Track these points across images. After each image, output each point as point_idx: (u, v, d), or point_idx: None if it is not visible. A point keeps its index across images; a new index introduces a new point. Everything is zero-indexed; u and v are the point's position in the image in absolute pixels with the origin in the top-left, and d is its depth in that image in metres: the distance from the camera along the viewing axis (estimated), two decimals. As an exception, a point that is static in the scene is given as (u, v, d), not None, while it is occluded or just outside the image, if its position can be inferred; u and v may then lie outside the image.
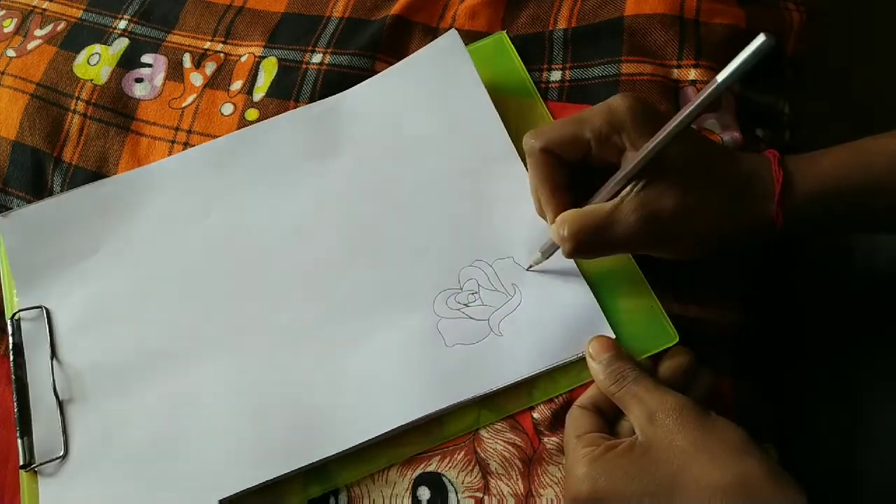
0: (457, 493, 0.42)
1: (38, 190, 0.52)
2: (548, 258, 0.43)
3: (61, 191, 0.52)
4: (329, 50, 0.54)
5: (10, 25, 0.59)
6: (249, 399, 0.43)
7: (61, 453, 0.43)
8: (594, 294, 0.43)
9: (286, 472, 0.41)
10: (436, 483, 0.42)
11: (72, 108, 0.54)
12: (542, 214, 0.42)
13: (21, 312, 0.47)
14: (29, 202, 0.52)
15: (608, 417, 0.39)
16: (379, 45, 0.53)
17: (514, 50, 0.51)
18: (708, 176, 0.38)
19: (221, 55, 0.55)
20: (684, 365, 0.39)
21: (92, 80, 0.55)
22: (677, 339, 0.42)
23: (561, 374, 0.42)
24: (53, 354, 0.46)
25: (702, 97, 0.34)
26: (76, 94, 0.55)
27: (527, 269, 0.44)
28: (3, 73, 0.56)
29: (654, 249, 0.40)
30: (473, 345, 0.43)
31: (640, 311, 0.43)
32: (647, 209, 0.37)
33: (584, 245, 0.38)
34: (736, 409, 0.42)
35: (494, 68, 0.51)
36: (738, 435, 0.35)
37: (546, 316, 0.43)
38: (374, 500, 0.42)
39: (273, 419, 0.43)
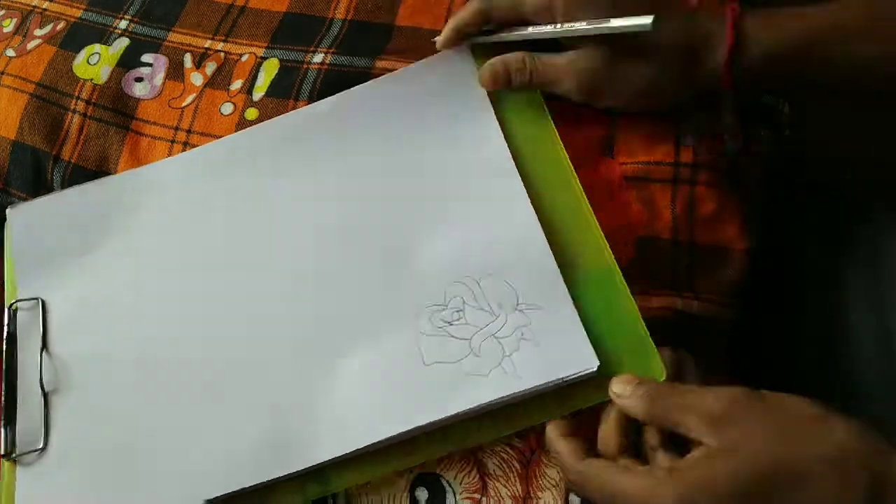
0: (455, 495, 0.42)
1: (38, 189, 0.52)
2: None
3: (62, 190, 0.52)
4: (331, 51, 0.53)
5: (9, 25, 0.59)
6: (231, 406, 0.43)
7: (40, 445, 0.44)
8: (582, 321, 0.41)
9: (262, 480, 0.40)
10: (434, 484, 0.42)
11: (71, 107, 0.54)
12: None
13: (19, 303, 0.47)
14: (29, 202, 0.52)
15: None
16: (381, 47, 0.53)
17: None
18: (649, 46, 0.42)
19: (222, 55, 0.55)
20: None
21: (92, 79, 0.55)
22: (664, 377, 0.39)
23: (540, 402, 0.40)
24: (44, 346, 0.46)
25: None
26: (76, 94, 0.55)
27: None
28: (2, 73, 0.56)
29: (594, 102, 0.45)
30: (451, 364, 0.41)
31: (628, 344, 0.40)
32: (583, 67, 0.43)
33: None
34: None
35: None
36: (808, 405, 0.32)
37: (529, 340, 0.41)
38: (371, 501, 0.42)
39: (252, 426, 0.42)
